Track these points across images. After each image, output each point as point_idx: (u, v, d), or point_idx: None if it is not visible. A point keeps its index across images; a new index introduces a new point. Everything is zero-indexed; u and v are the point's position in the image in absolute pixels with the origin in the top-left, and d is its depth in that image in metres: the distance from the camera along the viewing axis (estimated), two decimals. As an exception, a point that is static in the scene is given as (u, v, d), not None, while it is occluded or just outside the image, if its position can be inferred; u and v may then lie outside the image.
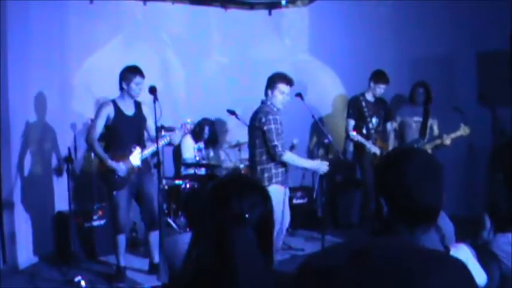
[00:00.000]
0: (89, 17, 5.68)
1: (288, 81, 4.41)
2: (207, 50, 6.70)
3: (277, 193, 4.25)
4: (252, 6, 6.84)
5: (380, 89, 5.74)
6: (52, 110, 5.44)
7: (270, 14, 6.92)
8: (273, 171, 4.34)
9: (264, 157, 4.33)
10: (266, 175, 4.30)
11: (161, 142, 4.64)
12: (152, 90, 4.44)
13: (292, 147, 4.48)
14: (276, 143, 4.24)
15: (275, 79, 4.40)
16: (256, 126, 4.34)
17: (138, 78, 4.57)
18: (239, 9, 6.79)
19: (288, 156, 4.35)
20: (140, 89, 4.59)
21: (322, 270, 1.29)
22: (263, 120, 4.28)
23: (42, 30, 5.23)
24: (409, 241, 1.38)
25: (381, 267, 1.22)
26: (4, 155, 4.91)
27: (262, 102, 4.45)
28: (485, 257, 1.85)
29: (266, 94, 4.43)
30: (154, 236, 4.78)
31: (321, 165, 4.48)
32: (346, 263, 1.25)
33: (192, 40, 6.48)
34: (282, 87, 4.37)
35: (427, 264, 1.20)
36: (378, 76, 5.71)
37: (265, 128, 4.26)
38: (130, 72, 4.57)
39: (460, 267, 1.25)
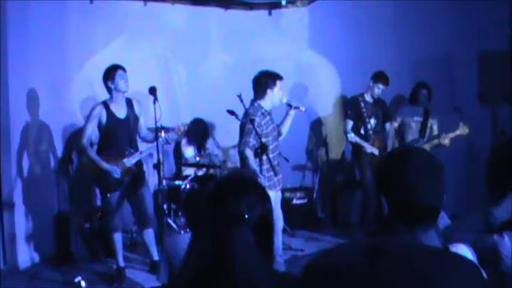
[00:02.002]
0: (90, 17, 5.67)
1: (281, 77, 4.47)
2: (208, 50, 6.69)
3: None
4: (251, 7, 6.83)
5: (378, 89, 5.73)
6: (52, 110, 5.44)
7: (270, 14, 6.92)
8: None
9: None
10: None
11: (159, 143, 4.65)
12: (152, 90, 4.48)
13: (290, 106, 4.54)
14: (242, 143, 4.37)
15: (271, 78, 4.43)
16: (240, 129, 4.48)
17: (119, 72, 4.57)
18: (239, 10, 6.79)
19: (246, 155, 4.35)
20: (126, 81, 4.59)
21: (334, 268, 1.29)
22: (242, 121, 4.43)
23: (42, 30, 5.23)
24: (410, 240, 1.38)
25: (397, 266, 1.22)
26: (4, 155, 4.92)
27: (251, 103, 4.50)
28: (485, 256, 1.85)
29: (262, 95, 4.45)
30: (148, 234, 4.84)
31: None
32: (361, 262, 1.24)
33: (193, 40, 6.47)
34: (280, 83, 4.45)
35: (443, 265, 1.20)
36: (378, 76, 5.71)
37: (241, 129, 4.42)
38: (111, 70, 4.58)
39: (473, 268, 1.25)
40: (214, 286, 1.45)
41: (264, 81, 4.43)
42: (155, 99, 4.46)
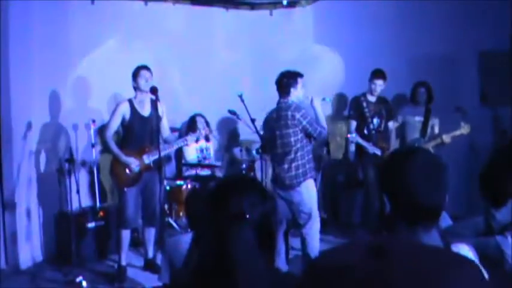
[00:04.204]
0: (90, 18, 5.68)
1: (301, 75, 4.60)
2: (209, 50, 6.69)
3: (313, 187, 4.52)
4: (253, 7, 6.83)
5: (375, 85, 5.72)
6: (54, 109, 5.45)
7: (271, 14, 6.91)
8: (307, 165, 4.48)
9: (299, 153, 4.44)
10: (301, 171, 4.44)
11: (179, 144, 4.97)
12: (153, 90, 4.49)
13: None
14: (319, 128, 4.45)
15: (292, 77, 4.53)
16: (291, 124, 4.40)
17: (142, 72, 4.74)
18: (240, 10, 6.79)
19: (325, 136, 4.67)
20: (146, 81, 4.74)
21: (336, 268, 1.28)
22: (297, 116, 4.38)
23: (43, 30, 5.23)
24: (411, 240, 1.38)
25: (398, 266, 1.22)
26: (6, 155, 4.92)
27: (284, 103, 4.50)
28: (488, 257, 1.84)
29: (287, 94, 4.50)
30: (150, 233, 4.96)
31: None
32: (362, 261, 1.24)
33: (193, 40, 6.48)
34: (301, 81, 4.56)
35: (444, 264, 1.20)
36: (374, 73, 5.72)
37: (304, 122, 4.40)
38: (136, 70, 4.78)
39: (474, 267, 1.25)
40: (216, 286, 1.45)
41: (286, 81, 4.52)
42: (156, 99, 4.49)
